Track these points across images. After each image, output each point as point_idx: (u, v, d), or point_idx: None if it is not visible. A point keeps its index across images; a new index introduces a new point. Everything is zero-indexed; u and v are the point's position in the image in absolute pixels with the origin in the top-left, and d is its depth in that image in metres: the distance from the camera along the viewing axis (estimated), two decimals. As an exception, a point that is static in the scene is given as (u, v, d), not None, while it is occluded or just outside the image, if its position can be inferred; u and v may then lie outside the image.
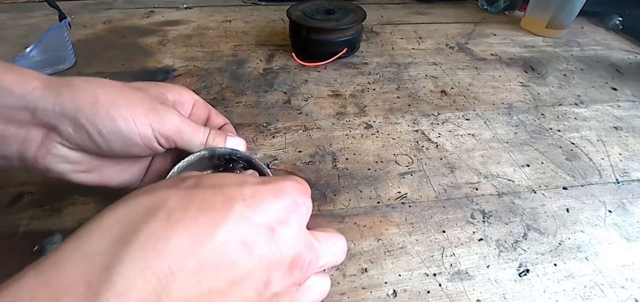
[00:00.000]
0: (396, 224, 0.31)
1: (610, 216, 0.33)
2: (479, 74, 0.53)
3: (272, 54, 0.56)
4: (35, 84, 0.21)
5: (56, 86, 0.22)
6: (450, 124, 0.43)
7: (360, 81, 0.50)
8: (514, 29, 0.68)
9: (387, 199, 0.34)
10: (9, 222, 0.30)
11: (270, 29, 0.64)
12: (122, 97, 0.23)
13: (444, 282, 0.27)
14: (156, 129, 0.24)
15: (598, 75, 0.55)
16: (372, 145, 0.40)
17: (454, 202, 0.34)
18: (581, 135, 0.43)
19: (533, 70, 0.55)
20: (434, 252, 0.29)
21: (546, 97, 0.49)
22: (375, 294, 0.27)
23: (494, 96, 0.49)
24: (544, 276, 0.28)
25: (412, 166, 0.37)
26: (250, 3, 0.74)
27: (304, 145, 0.39)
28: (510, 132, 0.43)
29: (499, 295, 0.27)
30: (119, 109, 0.23)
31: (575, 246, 0.30)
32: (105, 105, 0.22)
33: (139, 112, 0.23)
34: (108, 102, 0.22)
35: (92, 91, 0.22)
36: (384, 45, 0.60)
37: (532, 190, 0.35)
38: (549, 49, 0.62)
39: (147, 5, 0.71)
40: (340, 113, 0.44)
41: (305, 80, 0.50)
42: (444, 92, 0.49)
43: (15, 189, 0.32)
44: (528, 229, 0.32)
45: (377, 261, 0.29)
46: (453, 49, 0.60)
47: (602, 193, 0.35)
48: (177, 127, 0.25)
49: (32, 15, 0.64)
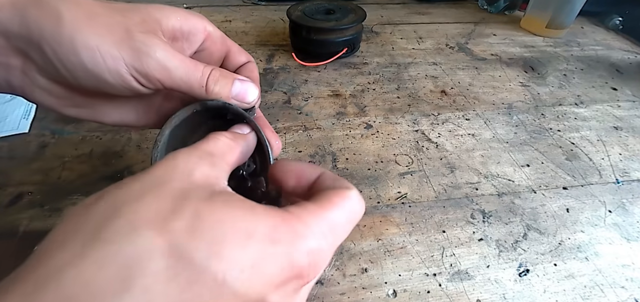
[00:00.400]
0: (396, 224, 0.31)
1: (610, 216, 0.33)
2: (479, 74, 0.53)
3: (272, 54, 0.56)
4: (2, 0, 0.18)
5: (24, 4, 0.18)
6: (450, 124, 0.43)
7: (360, 81, 0.50)
8: (514, 29, 0.68)
9: (387, 199, 0.34)
10: (9, 222, 0.30)
11: (270, 29, 0.64)
12: (88, 22, 0.18)
13: (444, 282, 0.27)
14: (130, 65, 0.19)
15: (598, 75, 0.55)
16: (372, 145, 0.40)
17: (454, 202, 0.34)
18: (581, 135, 0.43)
19: (533, 70, 0.55)
20: (434, 252, 0.29)
21: (546, 97, 0.49)
22: (375, 294, 0.27)
23: (494, 96, 0.49)
24: (544, 276, 0.28)
25: (412, 166, 0.37)
26: (250, 3, 0.74)
27: (304, 145, 0.39)
28: (510, 132, 0.43)
29: (499, 295, 0.27)
30: (83, 36, 0.18)
31: (575, 246, 0.30)
32: (69, 30, 0.18)
33: (107, 42, 0.18)
34: (73, 27, 0.18)
35: (56, 10, 0.18)
36: (384, 45, 0.60)
37: (532, 190, 0.35)
38: (549, 49, 0.62)
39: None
40: (340, 113, 0.44)
41: (305, 80, 0.50)
42: (444, 92, 0.49)
43: (15, 189, 0.32)
44: (528, 229, 0.32)
45: (377, 261, 0.29)
46: (453, 49, 0.60)
47: (602, 193, 0.35)
48: (161, 65, 0.19)
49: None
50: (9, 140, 0.38)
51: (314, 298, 0.26)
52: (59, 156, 0.36)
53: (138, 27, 0.19)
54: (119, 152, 0.37)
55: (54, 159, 0.36)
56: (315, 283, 0.27)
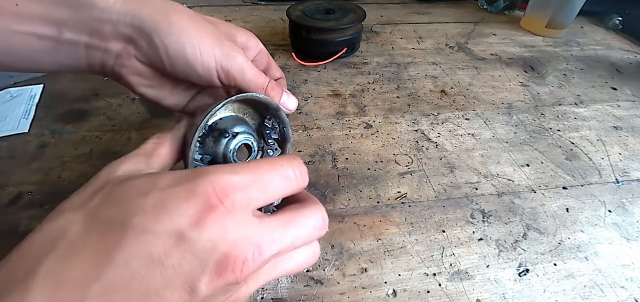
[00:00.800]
0: (396, 224, 0.31)
1: (610, 216, 0.33)
2: (479, 74, 0.53)
3: (272, 54, 0.55)
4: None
5: (136, 2, 0.23)
6: (450, 124, 0.43)
7: (360, 81, 0.50)
8: (514, 29, 0.68)
9: (387, 199, 0.34)
10: (9, 222, 0.30)
11: (270, 29, 0.64)
12: (193, 26, 0.24)
13: (444, 282, 0.27)
14: (219, 63, 0.25)
15: (598, 75, 0.55)
16: (372, 145, 0.40)
17: (454, 202, 0.34)
18: (581, 135, 0.43)
19: (533, 70, 0.55)
20: (434, 252, 0.29)
21: (546, 97, 0.49)
22: (375, 294, 0.27)
23: (494, 96, 0.49)
24: (544, 276, 0.28)
25: (412, 166, 0.37)
26: (250, 3, 0.74)
27: (304, 145, 0.39)
28: (510, 132, 0.43)
29: (499, 295, 0.27)
30: (189, 36, 0.24)
31: (575, 246, 0.30)
32: (178, 29, 0.23)
33: (207, 43, 0.24)
34: (181, 27, 0.23)
35: (167, 14, 0.23)
36: (384, 45, 0.60)
37: (532, 190, 0.35)
38: (549, 49, 0.62)
39: (147, 5, 0.71)
40: (340, 113, 0.44)
41: (305, 80, 0.50)
42: (444, 92, 0.49)
43: (15, 189, 0.32)
44: (528, 229, 0.32)
45: (377, 261, 0.29)
46: (453, 49, 0.60)
47: (602, 193, 0.35)
48: (240, 67, 0.25)
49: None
50: (9, 140, 0.38)
51: (314, 298, 0.26)
52: (59, 156, 0.36)
53: (226, 36, 0.26)
54: (119, 152, 0.37)
55: (54, 159, 0.36)
56: (314, 283, 0.27)
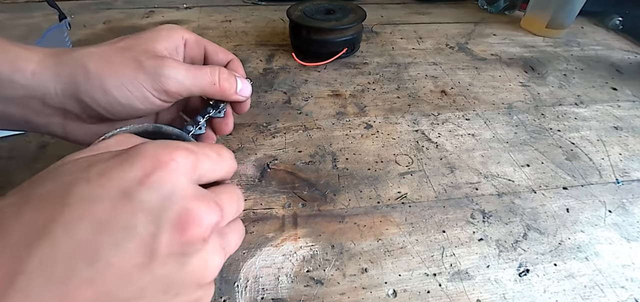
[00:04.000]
0: (396, 224, 0.31)
1: (610, 216, 0.33)
2: (479, 74, 0.53)
3: (272, 54, 0.56)
4: (31, 67, 0.21)
5: (52, 66, 0.21)
6: (450, 124, 0.43)
7: (360, 81, 0.50)
8: (514, 29, 0.68)
9: (387, 199, 0.34)
10: (9, 222, 0.30)
11: (270, 29, 0.64)
12: (107, 66, 0.22)
13: (444, 282, 0.27)
14: (150, 87, 0.22)
15: (598, 75, 0.55)
16: (372, 145, 0.40)
17: (454, 202, 0.34)
18: (581, 135, 0.43)
19: (533, 70, 0.55)
20: (434, 252, 0.29)
21: (546, 97, 0.49)
22: (375, 294, 0.27)
23: (494, 96, 0.49)
24: (544, 276, 0.28)
25: (412, 166, 0.37)
26: (250, 3, 0.74)
27: (304, 145, 0.39)
28: (510, 132, 0.43)
29: (499, 295, 0.27)
30: (109, 78, 0.22)
31: (575, 246, 0.30)
32: (96, 78, 0.22)
33: (126, 76, 0.22)
34: (99, 74, 0.22)
35: (83, 66, 0.22)
36: (384, 45, 0.60)
37: (532, 190, 0.35)
38: (549, 49, 0.62)
39: (147, 5, 0.71)
40: (340, 113, 0.44)
41: (305, 80, 0.50)
42: (444, 92, 0.49)
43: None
44: (528, 229, 0.32)
45: (377, 261, 0.29)
46: (453, 49, 0.60)
47: (602, 193, 0.35)
48: (172, 79, 0.23)
49: (32, 15, 0.64)
50: (9, 140, 0.38)
51: (314, 298, 0.26)
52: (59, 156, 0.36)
53: (144, 55, 0.23)
54: (119, 152, 0.37)
55: (54, 159, 0.35)
56: (314, 283, 0.27)
